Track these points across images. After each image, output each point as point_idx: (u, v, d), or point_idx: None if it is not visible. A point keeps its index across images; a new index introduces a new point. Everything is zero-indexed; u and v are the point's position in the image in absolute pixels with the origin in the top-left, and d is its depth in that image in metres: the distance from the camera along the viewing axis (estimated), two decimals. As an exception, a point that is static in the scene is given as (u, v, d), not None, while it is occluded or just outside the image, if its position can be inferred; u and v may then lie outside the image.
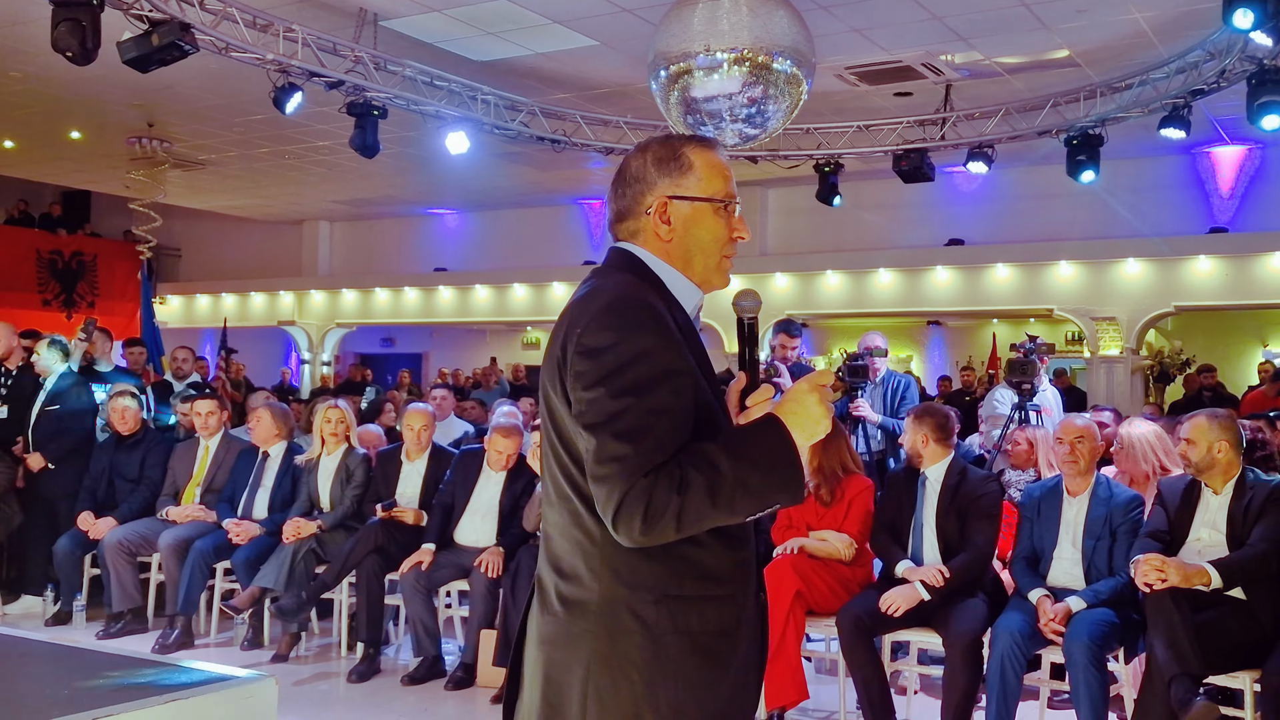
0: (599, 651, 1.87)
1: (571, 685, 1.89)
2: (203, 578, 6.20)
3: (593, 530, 1.89)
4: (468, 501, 5.91)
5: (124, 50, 7.28)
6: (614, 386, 1.82)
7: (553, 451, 1.97)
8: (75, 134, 12.85)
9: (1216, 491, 4.42)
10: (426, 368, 19.90)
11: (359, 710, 5.18)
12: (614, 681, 1.86)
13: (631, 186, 2.05)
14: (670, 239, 2.03)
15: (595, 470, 1.81)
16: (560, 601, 1.93)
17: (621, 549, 1.85)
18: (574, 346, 1.87)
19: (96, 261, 17.35)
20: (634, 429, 1.80)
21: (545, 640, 1.95)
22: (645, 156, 2.06)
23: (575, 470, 1.90)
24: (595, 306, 1.91)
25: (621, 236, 2.08)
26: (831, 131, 11.08)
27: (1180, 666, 3.92)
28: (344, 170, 14.06)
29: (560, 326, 1.95)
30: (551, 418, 1.95)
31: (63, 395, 7.04)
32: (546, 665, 1.94)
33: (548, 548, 2.00)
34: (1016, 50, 9.39)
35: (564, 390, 1.90)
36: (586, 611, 1.89)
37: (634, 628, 1.86)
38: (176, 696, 2.08)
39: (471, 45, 9.40)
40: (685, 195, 2.02)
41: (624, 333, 1.85)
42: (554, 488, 1.97)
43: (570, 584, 1.92)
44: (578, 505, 1.91)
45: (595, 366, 1.84)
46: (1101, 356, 12.96)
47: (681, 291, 2.03)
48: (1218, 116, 10.99)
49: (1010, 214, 13.68)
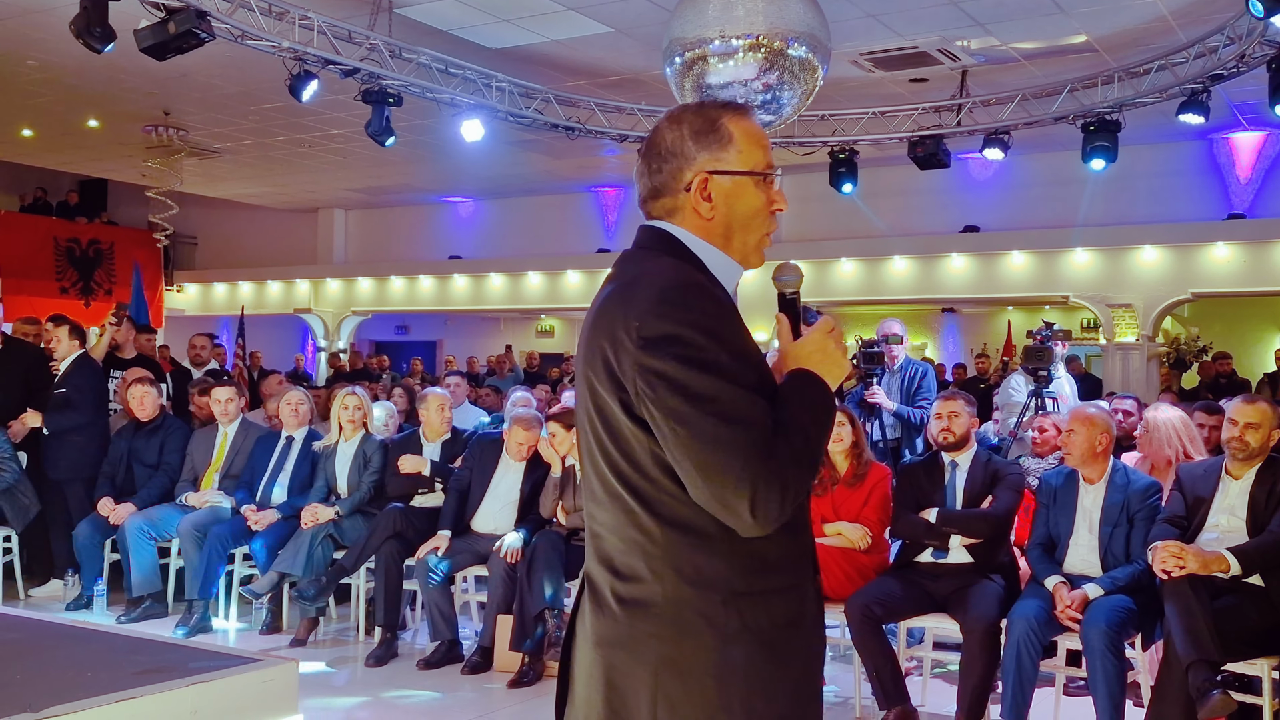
0: (666, 655, 1.79)
1: (638, 690, 1.81)
2: (220, 562, 6.25)
3: (652, 529, 1.81)
4: (485, 490, 5.93)
5: (140, 38, 7.30)
6: (703, 376, 1.73)
7: (599, 449, 1.86)
8: (92, 122, 12.90)
9: (1236, 477, 4.40)
10: (440, 355, 19.95)
11: (376, 694, 5.22)
12: (685, 686, 1.78)
13: (668, 162, 1.92)
14: (711, 216, 1.91)
15: (709, 462, 1.71)
16: (618, 601, 1.84)
17: (684, 548, 1.79)
18: (634, 341, 1.75)
19: (114, 249, 17.43)
20: (742, 411, 1.72)
21: (604, 642, 1.86)
22: (682, 129, 1.92)
23: (629, 468, 1.82)
24: (648, 296, 1.78)
25: (656, 214, 1.95)
26: (846, 118, 11.05)
27: (1198, 653, 3.91)
28: (359, 158, 14.09)
29: (604, 318, 1.83)
30: (599, 415, 1.84)
31: (71, 377, 7.09)
32: (607, 669, 1.85)
33: (597, 546, 1.91)
34: (1033, 36, 9.33)
35: (615, 386, 1.79)
36: (650, 613, 1.81)
37: (702, 629, 1.78)
38: (198, 679, 2.10)
39: (486, 32, 9.39)
40: (727, 170, 1.90)
41: (689, 318, 1.76)
42: (601, 486, 1.88)
43: (628, 584, 1.84)
44: (632, 504, 1.82)
45: (672, 358, 1.73)
46: (1117, 344, 12.91)
47: (721, 270, 1.92)
48: (1236, 102, 10.91)
49: (1026, 200, 13.62)
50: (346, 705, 5.08)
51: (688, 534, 1.79)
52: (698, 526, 1.79)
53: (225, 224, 19.33)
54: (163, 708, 2.02)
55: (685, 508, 1.78)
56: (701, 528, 1.78)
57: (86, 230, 17.42)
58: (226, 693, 2.13)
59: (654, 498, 1.80)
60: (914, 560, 4.92)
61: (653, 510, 1.80)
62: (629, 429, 1.79)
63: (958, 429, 4.99)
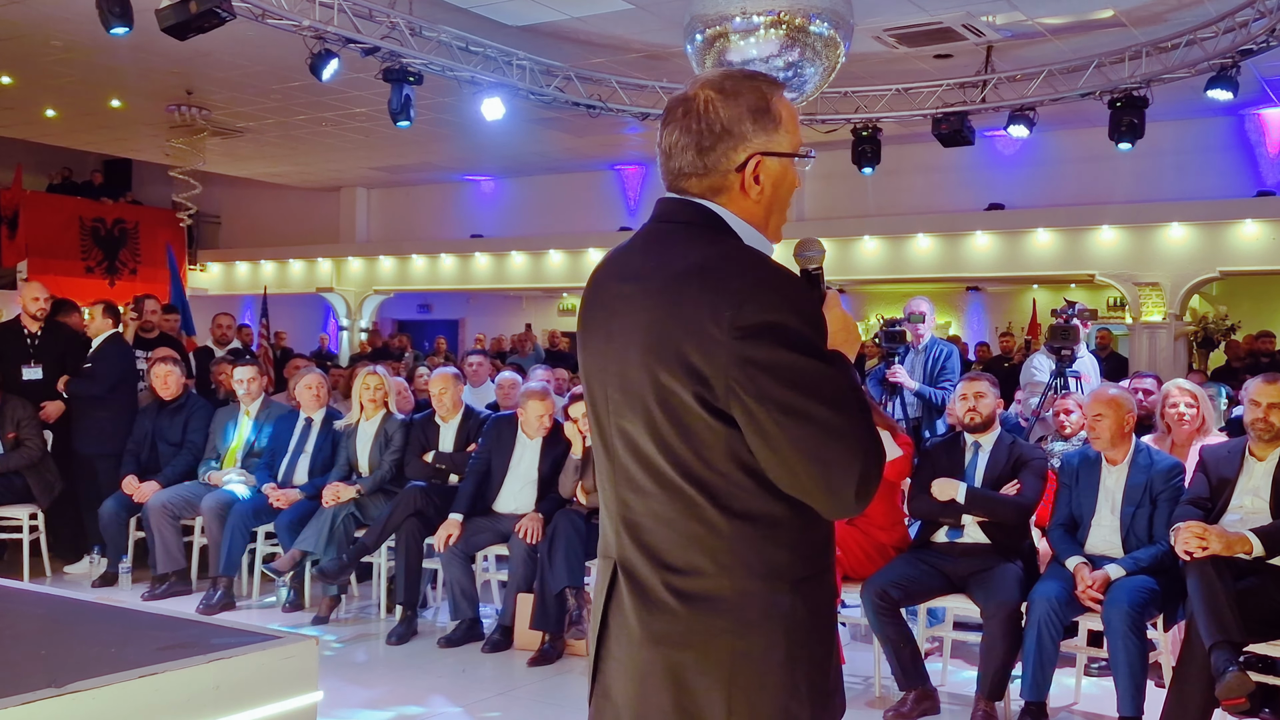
0: (740, 650, 1.76)
1: (712, 688, 1.77)
2: (243, 540, 6.30)
3: (718, 523, 1.76)
4: (505, 469, 5.95)
5: (162, 18, 7.32)
6: (808, 361, 1.70)
7: (654, 439, 1.79)
8: (116, 102, 12.96)
9: (1261, 458, 4.36)
10: (463, 334, 19.99)
11: (398, 671, 5.26)
12: (760, 678, 1.76)
13: (723, 140, 1.83)
14: (759, 199, 1.86)
15: (820, 451, 1.68)
16: (677, 597, 1.79)
17: (753, 540, 1.77)
18: (727, 333, 1.69)
19: (138, 229, 17.53)
20: (845, 397, 1.71)
21: (664, 640, 1.80)
22: (740, 105, 1.84)
23: (696, 462, 1.76)
24: (737, 284, 1.72)
25: (695, 191, 1.86)
26: (870, 95, 10.96)
27: (1220, 634, 3.88)
28: (381, 137, 14.10)
29: (678, 305, 1.75)
30: (662, 405, 1.77)
31: (101, 353, 7.17)
32: (674, 668, 1.79)
33: (638, 538, 1.84)
34: (1059, 10, 9.22)
35: (693, 379, 1.73)
36: (718, 608, 1.77)
37: (775, 620, 1.77)
38: (220, 655, 2.12)
39: (507, 10, 9.36)
40: (777, 151, 1.86)
41: (785, 304, 1.72)
42: (652, 478, 1.81)
43: (687, 578, 1.78)
44: (696, 497, 1.77)
45: (777, 345, 1.69)
46: (1144, 323, 12.79)
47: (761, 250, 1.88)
48: (1267, 77, 10.75)
49: (1051, 178, 13.48)
50: (367, 682, 5.13)
51: (757, 526, 1.76)
52: (768, 517, 1.76)
53: (248, 203, 19.41)
54: (185, 683, 2.04)
55: (756, 500, 1.75)
56: (771, 518, 1.76)
57: (111, 210, 17.53)
58: (248, 669, 2.15)
59: (723, 491, 1.76)
60: (930, 540, 4.91)
61: (720, 504, 1.76)
62: (705, 423, 1.74)
63: (984, 410, 4.96)
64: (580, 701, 5.03)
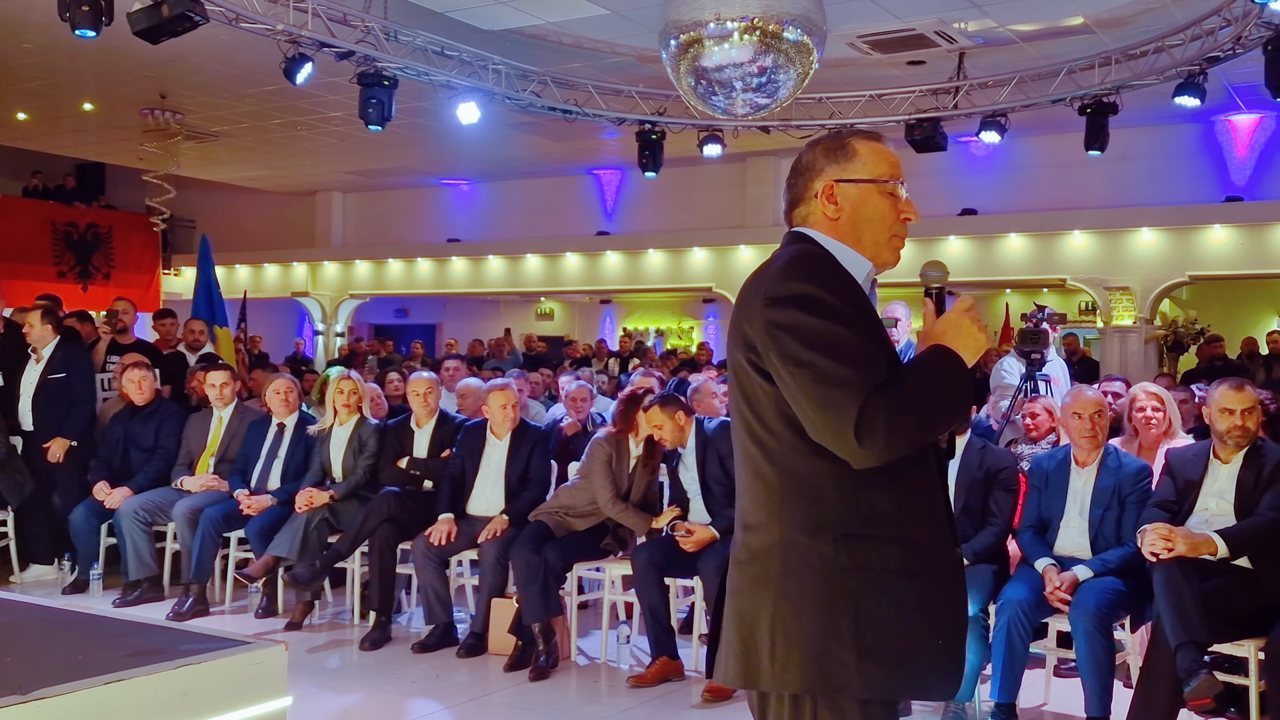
0: (781, 588, 2.01)
1: (760, 622, 2.03)
2: (215, 545, 6.27)
3: (772, 479, 2.06)
4: (476, 473, 5.95)
5: (134, 21, 7.29)
6: (822, 323, 1.98)
7: (739, 415, 2.13)
8: (88, 106, 12.88)
9: (1225, 461, 4.42)
10: (440, 338, 19.95)
11: (371, 677, 5.25)
12: (796, 613, 1.99)
13: (802, 175, 2.23)
14: (837, 217, 2.18)
15: (822, 395, 1.94)
16: (748, 551, 2.09)
17: (800, 497, 2.02)
18: (761, 302, 2.03)
19: (112, 233, 17.39)
20: (853, 355, 1.96)
21: (735, 590, 2.11)
22: (816, 150, 2.24)
23: (757, 424, 2.07)
24: (777, 268, 2.08)
25: (795, 222, 2.24)
26: (844, 101, 11.02)
27: (1186, 635, 3.93)
28: (356, 141, 14.06)
29: (740, 299, 2.12)
30: (738, 382, 2.11)
31: (67, 363, 7.08)
32: (738, 611, 2.08)
33: (739, 506, 2.17)
34: (1031, 17, 9.30)
35: (745, 346, 2.05)
36: (770, 555, 2.04)
37: (813, 563, 2.00)
38: (189, 661, 2.12)
39: (482, 14, 9.36)
40: (851, 178, 2.18)
41: (811, 277, 2.04)
42: (740, 447, 2.15)
43: (754, 534, 2.08)
44: (759, 459, 2.08)
45: (796, 310, 1.99)
46: (1115, 326, 12.91)
47: (851, 262, 2.15)
48: (1234, 84, 10.88)
49: (1023, 183, 13.60)
50: (341, 688, 5.11)
51: (803, 484, 2.02)
52: (813, 478, 2.02)
53: (223, 207, 19.29)
54: (152, 690, 2.04)
55: (803, 459, 2.02)
56: (816, 479, 2.01)
57: (84, 214, 17.37)
58: (216, 675, 2.15)
59: (775, 449, 2.05)
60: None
61: (773, 461, 2.05)
62: (758, 384, 2.05)
63: None
64: (555, 707, 5.03)
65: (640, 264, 16.18)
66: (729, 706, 4.75)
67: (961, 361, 2.08)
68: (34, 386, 7.03)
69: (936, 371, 2.04)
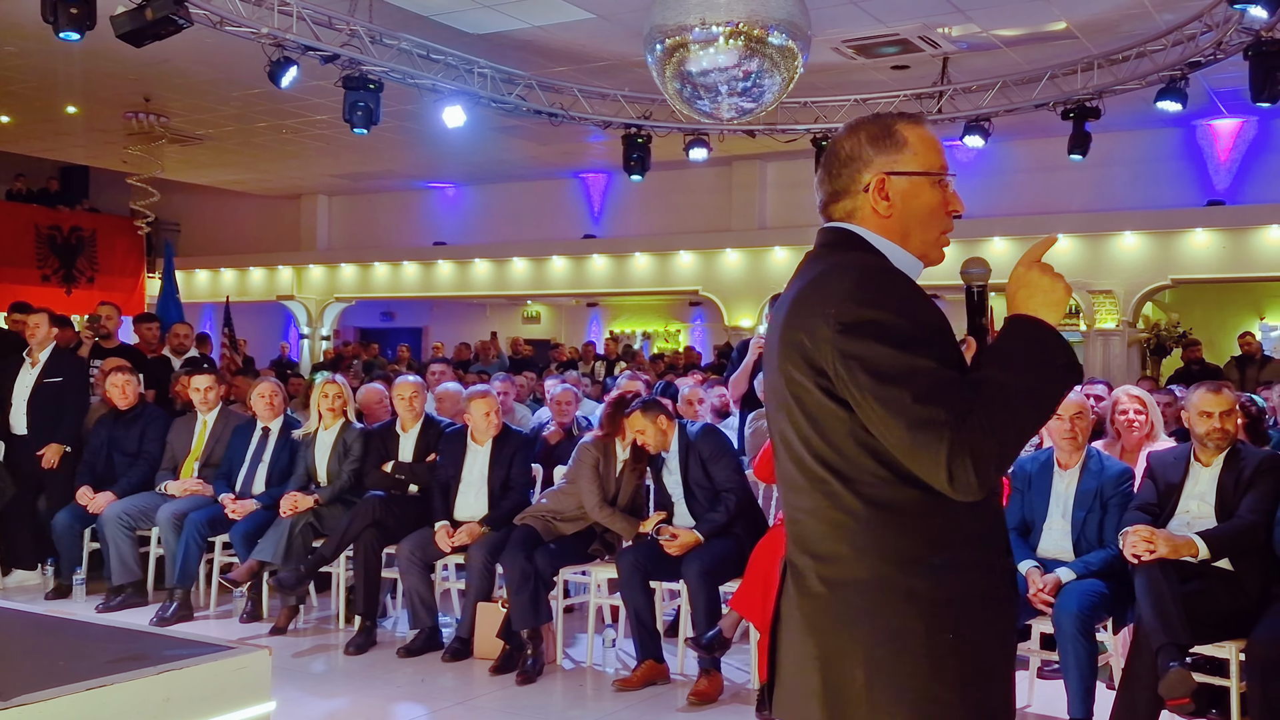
0: (877, 628, 1.87)
1: (853, 667, 1.88)
2: (199, 549, 6.25)
3: (855, 508, 1.89)
4: (459, 479, 5.94)
5: (118, 24, 7.27)
6: (899, 355, 1.81)
7: (798, 436, 1.96)
8: (71, 109, 12.83)
9: (1206, 464, 4.45)
10: (426, 342, 19.92)
11: (357, 681, 5.24)
12: (897, 656, 1.86)
13: (847, 166, 2.04)
14: (889, 215, 2.01)
15: (909, 440, 1.80)
16: (825, 584, 1.93)
17: (885, 526, 1.88)
18: (833, 326, 1.85)
19: (95, 237, 17.32)
20: (936, 387, 1.80)
21: (813, 625, 1.94)
22: (859, 136, 2.04)
23: (829, 450, 1.91)
24: (843, 285, 1.89)
25: (837, 216, 2.06)
26: (829, 105, 11.06)
27: (1167, 636, 3.96)
28: (342, 144, 14.04)
29: (800, 310, 1.93)
30: (797, 402, 1.94)
31: (63, 368, 7.05)
32: (821, 650, 1.92)
33: (796, 532, 2.00)
34: (1014, 23, 9.36)
35: (813, 372, 1.89)
36: (857, 590, 1.89)
37: (910, 601, 1.86)
38: (171, 666, 2.11)
39: (467, 18, 9.37)
40: (902, 170, 2.01)
41: (889, 300, 1.86)
42: (800, 472, 1.97)
43: (832, 565, 1.92)
44: (835, 485, 1.91)
45: (875, 339, 1.82)
46: (1098, 330, 12.98)
47: (904, 264, 2.01)
48: (1216, 89, 10.96)
49: (1007, 187, 13.65)
50: (326, 693, 5.10)
51: (887, 512, 1.88)
52: (896, 504, 1.87)
53: (208, 211, 19.24)
54: (135, 696, 2.03)
55: (885, 486, 1.87)
56: (900, 505, 1.87)
57: (68, 218, 17.30)
58: (199, 681, 2.14)
59: (854, 477, 1.89)
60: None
61: (854, 489, 1.89)
62: (830, 410, 1.88)
63: None
64: (541, 711, 5.03)
65: (627, 267, 16.20)
66: (714, 710, 4.76)
67: (1043, 326, 1.91)
68: (29, 390, 7.00)
69: (1019, 357, 1.87)
